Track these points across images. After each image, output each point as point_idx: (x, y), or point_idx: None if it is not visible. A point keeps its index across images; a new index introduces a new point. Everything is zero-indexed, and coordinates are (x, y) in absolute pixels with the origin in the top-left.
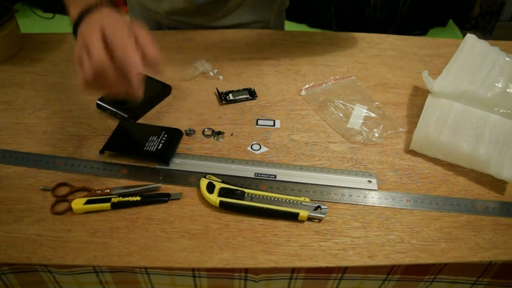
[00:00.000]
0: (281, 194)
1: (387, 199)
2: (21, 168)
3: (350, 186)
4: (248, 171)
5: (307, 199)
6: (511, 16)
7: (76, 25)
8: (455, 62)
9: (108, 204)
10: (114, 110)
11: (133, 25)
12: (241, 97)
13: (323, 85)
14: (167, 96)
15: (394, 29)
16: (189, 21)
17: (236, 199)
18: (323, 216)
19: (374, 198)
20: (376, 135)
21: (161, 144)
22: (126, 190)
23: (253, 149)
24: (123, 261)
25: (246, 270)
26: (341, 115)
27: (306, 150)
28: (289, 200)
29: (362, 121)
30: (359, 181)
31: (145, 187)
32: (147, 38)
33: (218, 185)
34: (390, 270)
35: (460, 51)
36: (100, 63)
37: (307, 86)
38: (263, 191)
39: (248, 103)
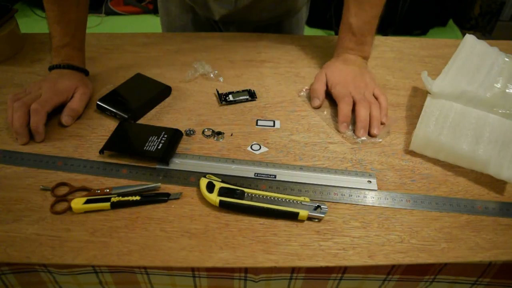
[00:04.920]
0: (281, 193)
1: (387, 199)
2: (21, 168)
3: (350, 186)
4: (248, 171)
5: (307, 199)
6: (511, 16)
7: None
8: (454, 63)
9: (107, 204)
10: (114, 110)
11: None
12: (241, 98)
13: None
14: (167, 97)
15: (394, 29)
16: (237, 19)
17: (236, 199)
18: (323, 215)
19: (374, 198)
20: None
21: (161, 144)
22: (126, 190)
23: (253, 149)
24: (123, 261)
25: (246, 270)
26: None
27: (306, 150)
28: (289, 200)
29: None
30: (359, 181)
31: (144, 187)
32: (75, 99)
33: (218, 185)
34: (390, 270)
35: (459, 52)
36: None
37: (306, 87)
38: (263, 190)
39: (248, 104)
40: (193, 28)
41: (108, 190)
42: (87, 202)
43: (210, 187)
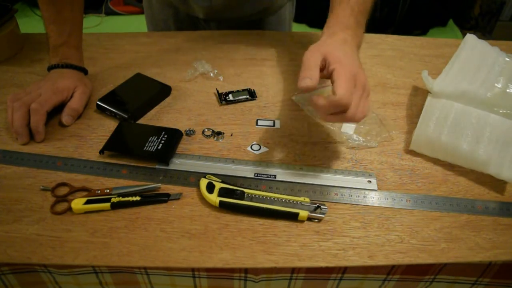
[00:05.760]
0: (281, 194)
1: (387, 199)
2: (21, 168)
3: (350, 186)
4: (248, 171)
5: (307, 199)
6: (511, 16)
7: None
8: (455, 62)
9: (107, 204)
10: (114, 110)
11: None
12: (241, 97)
13: (318, 89)
14: (167, 97)
15: (394, 29)
16: (216, 16)
17: (236, 199)
18: (323, 216)
19: (374, 198)
20: (369, 138)
21: (161, 144)
22: (126, 190)
23: (253, 149)
24: (123, 261)
25: (246, 271)
26: None
27: (306, 150)
28: (289, 200)
29: (355, 125)
30: (359, 181)
31: (144, 187)
32: (75, 99)
33: (218, 185)
34: (390, 270)
35: (460, 51)
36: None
37: (296, 92)
38: (263, 191)
39: (248, 103)
40: (174, 22)
41: (108, 191)
42: (87, 202)
43: (210, 187)
